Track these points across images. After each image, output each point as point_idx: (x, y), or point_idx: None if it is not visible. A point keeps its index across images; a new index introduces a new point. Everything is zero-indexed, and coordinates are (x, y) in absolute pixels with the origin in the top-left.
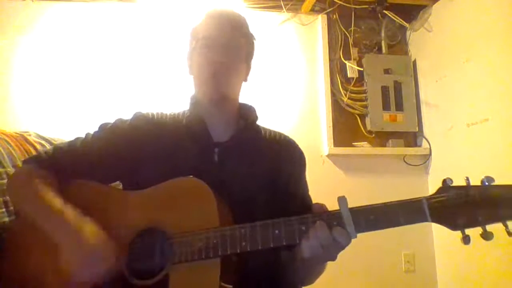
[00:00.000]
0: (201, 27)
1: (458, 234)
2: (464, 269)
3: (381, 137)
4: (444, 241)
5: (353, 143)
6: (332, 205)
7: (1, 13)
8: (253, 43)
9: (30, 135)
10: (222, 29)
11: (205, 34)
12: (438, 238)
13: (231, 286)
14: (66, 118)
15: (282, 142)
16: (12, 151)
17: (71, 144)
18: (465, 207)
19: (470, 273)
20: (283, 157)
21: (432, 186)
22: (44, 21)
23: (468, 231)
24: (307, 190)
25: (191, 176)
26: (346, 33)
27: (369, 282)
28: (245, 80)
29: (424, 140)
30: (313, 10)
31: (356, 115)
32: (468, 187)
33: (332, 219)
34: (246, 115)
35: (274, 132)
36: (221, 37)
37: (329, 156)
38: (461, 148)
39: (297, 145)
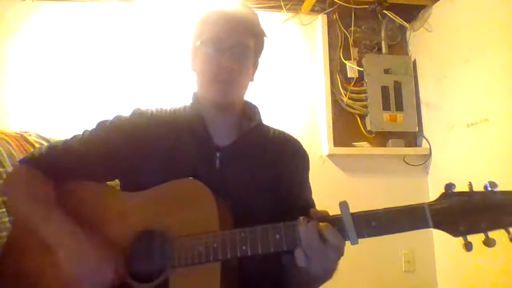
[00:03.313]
0: (209, 26)
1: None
2: (464, 269)
3: (381, 137)
4: (444, 241)
5: (353, 143)
6: (332, 205)
7: (2, 12)
8: (263, 41)
9: (30, 135)
10: (231, 30)
11: (212, 35)
12: (438, 238)
13: None
14: (67, 118)
15: (287, 141)
16: (12, 151)
17: (67, 142)
18: (468, 213)
19: (470, 273)
20: (287, 157)
21: (432, 186)
22: (44, 20)
23: (470, 237)
24: (310, 193)
25: (191, 177)
26: (346, 33)
27: (369, 282)
28: (252, 80)
29: (424, 140)
30: (313, 10)
31: (356, 115)
32: (471, 193)
33: (333, 224)
34: (250, 115)
35: (279, 131)
36: (230, 39)
37: (329, 156)
38: (461, 148)
39: (301, 145)
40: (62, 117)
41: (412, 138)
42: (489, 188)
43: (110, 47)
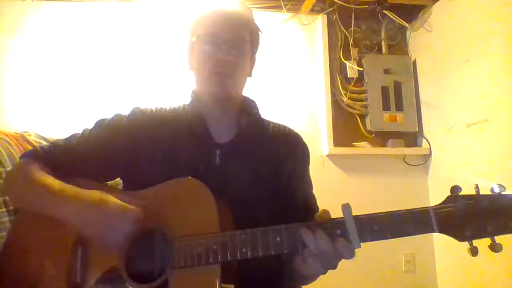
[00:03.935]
0: (204, 22)
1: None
2: (464, 270)
3: (381, 137)
4: (444, 241)
5: (353, 143)
6: (332, 205)
7: (2, 12)
8: (258, 36)
9: (30, 135)
10: (227, 25)
11: (209, 30)
12: (438, 238)
13: (232, 286)
14: (67, 118)
15: (287, 135)
16: (12, 151)
17: (68, 140)
18: (474, 217)
19: (470, 273)
20: (287, 149)
21: (432, 186)
22: (44, 20)
23: (475, 241)
24: (311, 187)
25: (190, 177)
26: (346, 33)
27: (369, 282)
28: (250, 75)
29: (424, 140)
30: (313, 10)
31: (356, 115)
32: (477, 197)
33: (335, 227)
34: (249, 110)
35: (279, 124)
36: (226, 33)
37: (329, 156)
38: (461, 148)
39: (302, 138)
40: (62, 117)
41: (412, 138)
42: (496, 191)
43: (110, 47)
